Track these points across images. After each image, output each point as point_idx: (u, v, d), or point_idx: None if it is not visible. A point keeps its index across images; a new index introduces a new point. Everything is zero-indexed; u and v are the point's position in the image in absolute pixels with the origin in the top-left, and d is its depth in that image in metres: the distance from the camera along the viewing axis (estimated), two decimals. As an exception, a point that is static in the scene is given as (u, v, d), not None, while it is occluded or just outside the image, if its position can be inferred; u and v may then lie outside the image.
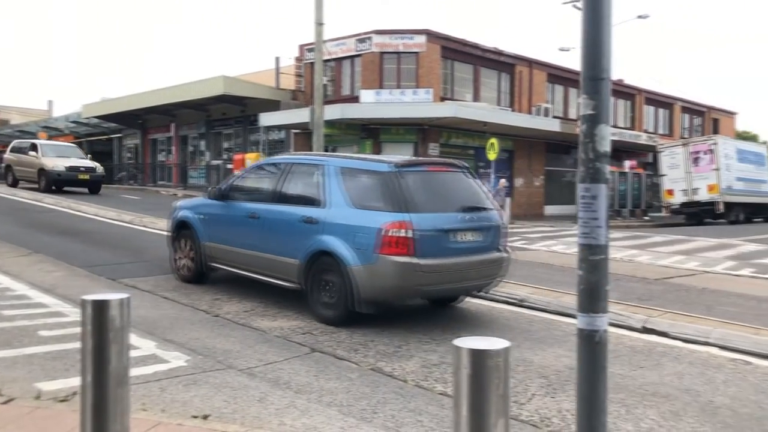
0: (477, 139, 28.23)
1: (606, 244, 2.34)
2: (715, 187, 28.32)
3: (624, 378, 5.51)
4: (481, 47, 30.08)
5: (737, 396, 5.12)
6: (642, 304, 8.47)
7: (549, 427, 4.41)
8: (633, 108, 39.46)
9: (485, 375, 2.64)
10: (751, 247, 17.18)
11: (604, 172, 2.29)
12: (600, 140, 2.27)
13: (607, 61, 2.26)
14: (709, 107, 46.39)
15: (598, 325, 2.28)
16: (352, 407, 4.61)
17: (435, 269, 6.73)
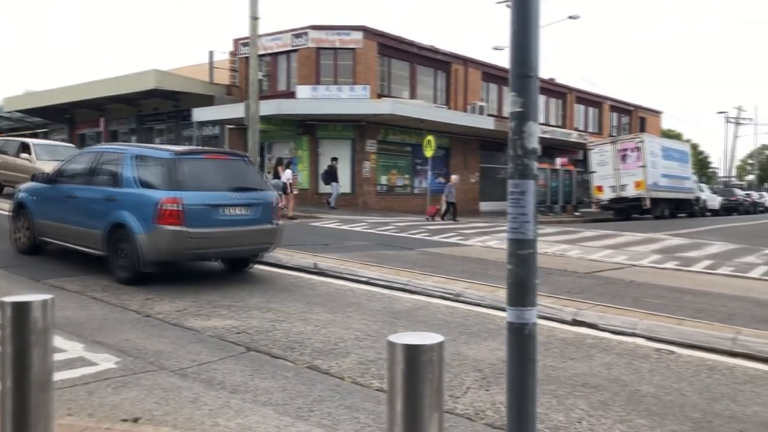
0: (414, 136, 28.44)
1: (534, 239, 2.39)
2: (642, 184, 29.40)
3: (555, 369, 5.65)
4: (418, 45, 30.30)
5: (661, 384, 5.33)
6: (572, 297, 8.70)
7: (483, 419, 4.48)
8: (564, 107, 40.52)
9: (419, 370, 2.65)
10: (675, 241, 17.91)
11: (533, 169, 2.33)
12: (528, 137, 2.31)
13: (534, 60, 2.31)
14: (636, 106, 48.09)
15: (527, 318, 2.33)
16: (288, 406, 4.57)
17: (203, 236, 8.44)
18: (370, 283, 9.22)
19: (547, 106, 39.25)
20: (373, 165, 27.76)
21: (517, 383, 2.35)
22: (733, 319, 7.89)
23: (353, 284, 9.24)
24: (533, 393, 2.39)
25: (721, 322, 7.50)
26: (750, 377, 5.59)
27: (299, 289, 8.89)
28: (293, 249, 12.04)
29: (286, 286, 9.06)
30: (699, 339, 6.54)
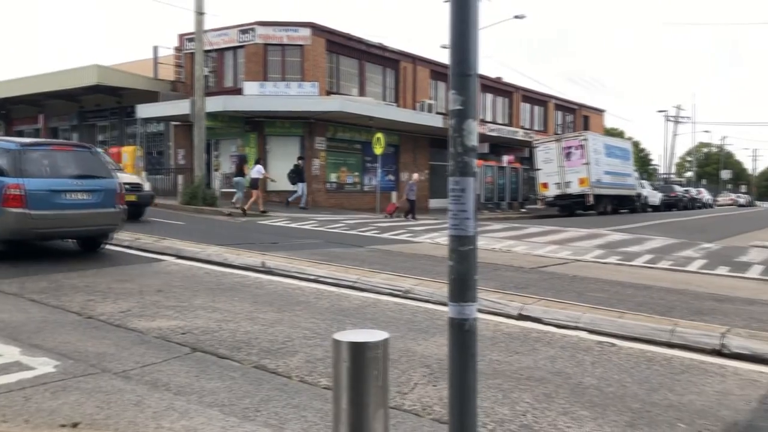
0: (364, 134, 28.46)
1: (474, 235, 2.42)
2: (586, 181, 30.12)
3: (501, 364, 5.74)
4: (366, 42, 30.32)
5: (603, 376, 5.47)
6: (518, 292, 8.85)
7: (431, 415, 4.52)
8: (511, 105, 41.16)
9: (364, 367, 2.66)
10: (617, 237, 18.40)
11: (472, 166, 2.36)
12: (468, 135, 2.34)
13: (474, 59, 2.33)
14: (580, 105, 49.21)
15: (467, 313, 2.36)
16: (234, 406, 4.51)
17: (45, 218, 9.61)
18: (319, 281, 9.19)
19: (494, 105, 39.81)
20: (322, 162, 27.66)
21: (459, 378, 2.38)
22: (671, 312, 8.15)
23: (302, 282, 9.19)
24: (474, 387, 2.43)
25: (660, 314, 7.74)
26: (686, 367, 5.79)
27: (246, 288, 8.80)
28: (241, 248, 11.90)
29: (232, 285, 8.95)
30: (639, 331, 6.73)
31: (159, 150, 31.60)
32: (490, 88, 39.14)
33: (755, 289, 10.69)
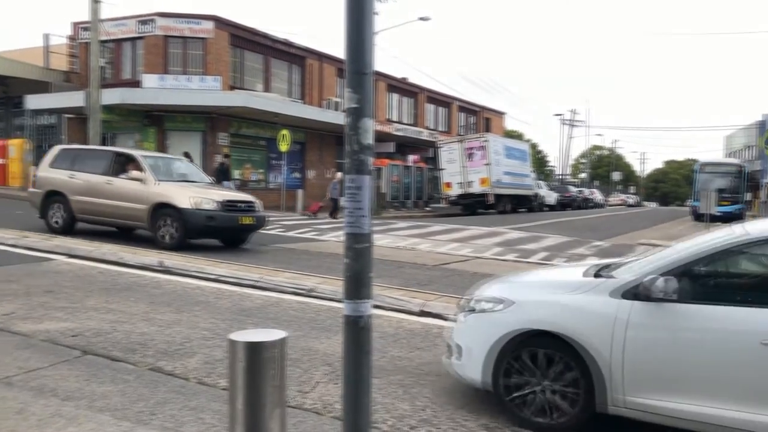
0: (269, 130, 28.08)
1: (370, 233, 2.44)
2: (487, 181, 31.01)
3: (402, 360, 5.83)
4: (272, 38, 29.93)
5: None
6: (421, 289, 9.00)
7: (332, 413, 4.52)
8: (416, 106, 41.78)
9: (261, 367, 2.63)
10: (515, 235, 19.07)
11: (368, 164, 2.38)
12: (363, 133, 2.36)
13: (369, 57, 2.35)
14: (482, 107, 50.60)
15: (362, 310, 2.38)
16: (128, 410, 4.35)
17: None
18: (220, 281, 8.99)
19: (400, 105, 40.28)
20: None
21: (353, 374, 2.40)
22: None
23: (201, 282, 8.97)
24: (368, 383, 2.45)
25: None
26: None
27: (143, 288, 8.48)
28: (137, 246, 11.46)
29: (128, 285, 8.61)
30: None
31: (50, 143, 29.88)
32: (396, 88, 39.57)
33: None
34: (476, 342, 4.66)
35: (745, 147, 69.77)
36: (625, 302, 4.21)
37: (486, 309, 4.74)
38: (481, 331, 4.68)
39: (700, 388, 3.95)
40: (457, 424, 4.43)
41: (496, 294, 4.80)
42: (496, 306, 4.67)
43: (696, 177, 36.80)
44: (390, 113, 38.75)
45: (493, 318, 4.62)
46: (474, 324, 4.78)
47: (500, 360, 4.50)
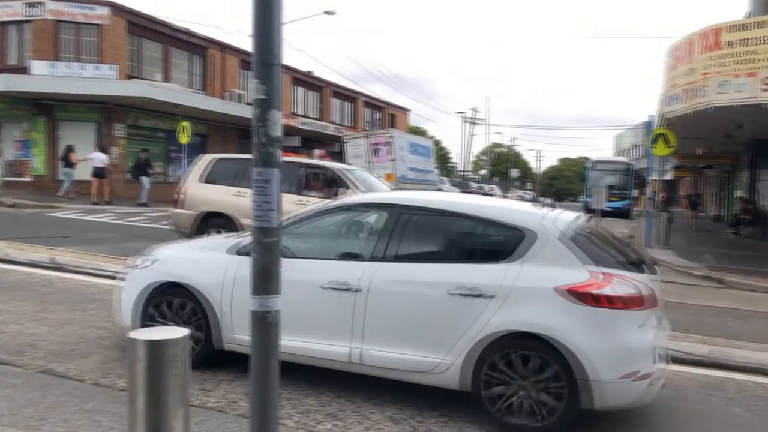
0: (168, 122, 27.13)
1: (278, 227, 2.40)
2: (392, 176, 31.30)
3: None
4: (171, 26, 28.92)
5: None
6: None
7: (237, 410, 4.44)
8: (321, 100, 41.60)
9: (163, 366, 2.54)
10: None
11: (277, 157, 2.34)
12: (272, 125, 2.32)
13: (278, 48, 2.32)
14: (387, 103, 51.03)
15: (270, 306, 2.34)
16: (15, 416, 4.09)
17: None
18: (118, 278, 8.61)
19: (305, 99, 39.97)
20: (121, 151, 25.91)
21: (261, 371, 2.36)
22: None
23: (97, 279, 8.56)
24: (276, 380, 2.42)
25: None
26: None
27: (32, 286, 8.00)
28: (25, 242, 10.82)
29: (16, 283, 8.10)
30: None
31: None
32: (301, 81, 39.23)
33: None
34: (128, 293, 5.41)
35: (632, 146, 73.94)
36: (236, 258, 5.07)
37: (139, 265, 5.51)
38: (132, 285, 5.43)
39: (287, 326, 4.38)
40: (363, 417, 4.46)
41: (153, 253, 5.59)
42: (146, 263, 5.47)
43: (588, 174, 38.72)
44: (295, 107, 38.38)
45: (142, 273, 5.41)
46: (129, 279, 5.54)
47: (145, 308, 5.27)
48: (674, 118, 15.66)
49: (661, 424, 4.62)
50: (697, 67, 15.27)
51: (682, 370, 5.94)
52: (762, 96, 13.03)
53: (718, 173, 36.09)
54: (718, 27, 14.92)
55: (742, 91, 13.21)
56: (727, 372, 5.97)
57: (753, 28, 14.60)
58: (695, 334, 7.19)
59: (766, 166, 22.24)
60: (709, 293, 11.49)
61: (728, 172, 32.47)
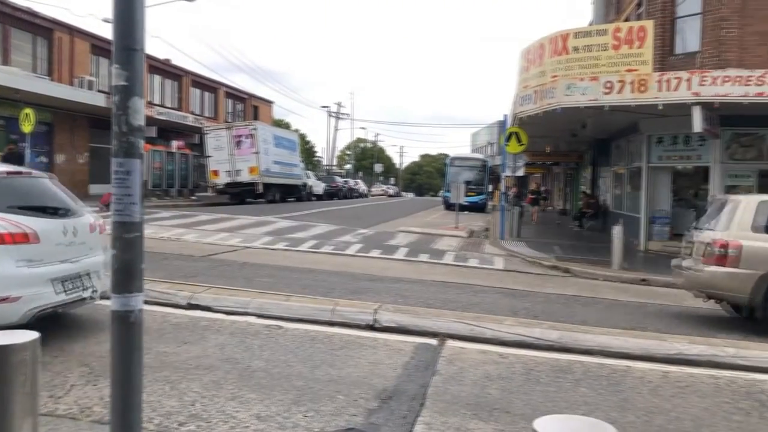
0: (9, 108, 24.94)
1: (141, 222, 2.28)
2: (256, 170, 30.76)
3: (169, 355, 5.56)
4: (11, 4, 26.60)
5: (270, 358, 5.65)
6: (188, 281, 8.68)
7: (90, 416, 4.17)
8: (180, 89, 40.01)
9: (9, 372, 2.35)
10: (284, 224, 19.20)
11: (139, 147, 2.22)
12: (134, 113, 2.19)
13: (140, 32, 2.19)
14: (250, 95, 50.04)
15: (132, 305, 2.22)
16: None
17: None
18: None
19: (162, 88, 38.28)
20: (-47, 139, 23.53)
21: (122, 374, 2.23)
22: (332, 292, 8.79)
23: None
24: (139, 382, 2.30)
25: (323, 295, 8.29)
26: (345, 343, 6.30)
27: None
28: None
29: None
30: (304, 313, 7.13)
31: None
32: (158, 69, 37.50)
33: (401, 269, 12.11)
34: None
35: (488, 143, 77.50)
36: None
37: None
38: None
39: None
40: (228, 416, 4.35)
41: None
42: None
43: (447, 170, 40.14)
44: (152, 96, 36.65)
45: None
46: None
47: None
48: (526, 117, 16.60)
49: (518, 406, 4.89)
50: (547, 70, 16.28)
51: (536, 354, 6.33)
52: (603, 99, 14.12)
53: (564, 170, 38.74)
54: (565, 33, 15.99)
55: (586, 93, 14.24)
56: (575, 355, 6.41)
57: (595, 35, 15.78)
58: (546, 320, 7.68)
59: (605, 163, 24.13)
60: (557, 282, 12.32)
61: (573, 169, 34.94)
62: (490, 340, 6.68)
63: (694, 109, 13.29)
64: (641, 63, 14.85)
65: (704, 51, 16.31)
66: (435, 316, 7.29)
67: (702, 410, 5.10)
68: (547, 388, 5.40)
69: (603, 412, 4.87)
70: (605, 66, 15.13)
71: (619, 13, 22.73)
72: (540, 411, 4.69)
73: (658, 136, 16.97)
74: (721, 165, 15.86)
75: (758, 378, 6.08)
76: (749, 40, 15.77)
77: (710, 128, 14.20)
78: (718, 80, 13.28)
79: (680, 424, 4.77)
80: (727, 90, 13.20)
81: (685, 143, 16.56)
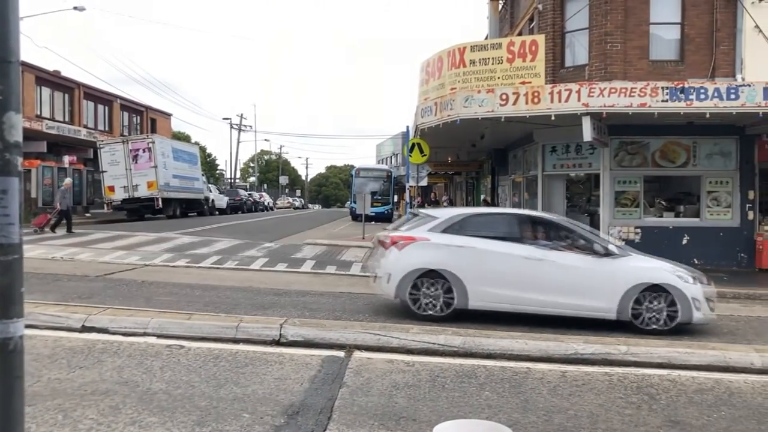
0: None
1: (20, 243, 2.14)
2: (154, 184, 29.74)
3: (62, 382, 5.27)
4: None
5: (172, 379, 5.46)
6: (83, 302, 8.28)
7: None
8: (72, 102, 38.17)
9: None
10: (186, 240, 18.64)
11: (16, 165, 2.09)
12: (10, 129, 2.06)
13: (15, 43, 2.07)
14: (147, 107, 48.38)
15: (12, 331, 2.07)
16: None
17: None
18: None
19: (52, 100, 36.38)
20: None
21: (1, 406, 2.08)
22: (237, 309, 8.61)
23: None
24: (20, 414, 2.15)
25: (226, 312, 8.11)
26: (250, 360, 6.18)
27: None
28: None
29: None
30: (207, 331, 6.93)
31: None
32: (46, 81, 35.62)
33: (308, 282, 12.02)
34: None
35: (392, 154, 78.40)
36: None
37: None
38: None
39: None
40: (128, 443, 4.16)
41: None
42: None
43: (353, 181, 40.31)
44: (40, 109, 34.76)
45: None
46: None
47: None
48: (427, 129, 16.94)
49: (424, 413, 4.95)
50: (446, 83, 16.69)
51: (441, 361, 6.44)
52: (499, 110, 14.61)
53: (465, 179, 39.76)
54: (463, 46, 16.46)
55: (483, 105, 14.70)
56: (478, 360, 6.57)
57: (491, 48, 16.34)
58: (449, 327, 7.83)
59: (503, 172, 24.95)
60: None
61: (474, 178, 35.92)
62: (397, 348, 6.74)
63: (584, 120, 13.98)
64: (534, 75, 15.49)
65: (592, 64, 17.21)
66: (342, 327, 7.28)
67: (597, 406, 5.35)
68: (453, 393, 5.50)
69: (506, 414, 5.01)
70: (501, 78, 15.68)
71: (513, 28, 23.63)
72: (445, 417, 4.77)
73: (552, 145, 17.72)
74: (611, 172, 16.74)
75: (647, 373, 6.45)
76: (631, 53, 16.79)
77: (599, 137, 14.98)
78: (605, 92, 14.04)
79: (578, 422, 4.98)
80: (614, 101, 13.97)
81: (576, 152, 17.38)
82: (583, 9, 17.49)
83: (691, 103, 13.80)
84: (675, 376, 6.40)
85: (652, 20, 16.95)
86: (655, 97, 13.86)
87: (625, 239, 16.09)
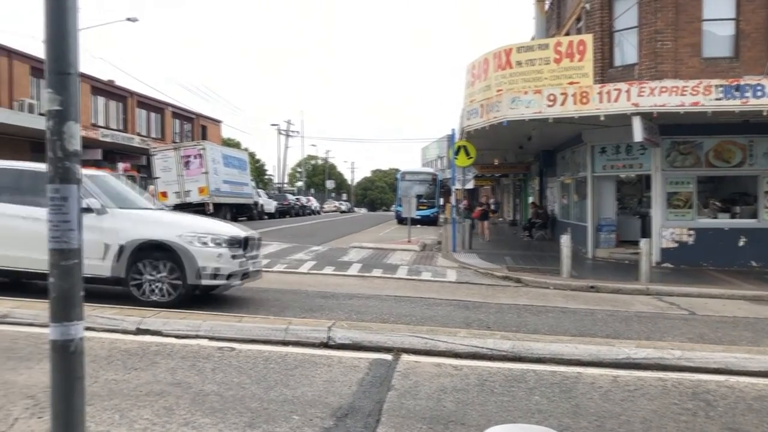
0: (-57, 134, 24.10)
1: (79, 248, 2.23)
2: (205, 190, 30.35)
3: (118, 383, 5.42)
4: (-55, 27, 25.78)
5: (224, 381, 5.56)
6: (136, 306, 8.48)
7: (34, 451, 4.03)
8: (125, 110, 39.29)
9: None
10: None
11: (75, 172, 2.17)
12: (69, 138, 2.15)
13: (74, 56, 2.15)
14: (198, 114, 49.43)
15: (72, 333, 2.16)
16: None
17: None
18: None
19: (107, 109, 37.52)
20: None
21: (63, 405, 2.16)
22: (285, 311, 8.72)
23: None
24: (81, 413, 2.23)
25: (275, 314, 8.21)
26: (299, 362, 6.25)
27: None
28: None
29: None
30: (257, 333, 7.04)
31: None
32: (101, 91, 36.77)
33: (355, 285, 12.09)
34: None
35: (437, 157, 78.21)
36: None
37: None
38: None
39: None
40: (182, 443, 4.26)
41: None
42: None
43: (398, 185, 40.36)
44: (96, 117, 35.87)
45: None
46: None
47: None
48: (473, 131, 16.86)
49: (473, 417, 4.93)
50: (492, 84, 16.58)
51: (490, 365, 6.39)
52: (547, 111, 14.45)
53: (513, 181, 39.39)
54: (509, 48, 16.33)
55: (531, 106, 14.55)
56: (527, 364, 6.50)
57: (537, 49, 16.17)
58: (499, 331, 7.77)
59: (552, 174, 24.64)
60: (509, 292, 12.48)
61: (521, 180, 35.55)
62: (445, 352, 6.71)
63: (634, 120, 13.71)
64: (582, 75, 15.27)
65: (642, 63, 16.87)
66: (389, 330, 7.29)
67: (651, 412, 5.23)
68: (502, 398, 5.45)
69: (556, 419, 4.95)
70: (548, 79, 15.50)
71: (559, 28, 23.34)
72: (494, 421, 4.74)
73: (601, 146, 17.43)
74: (662, 173, 16.36)
75: (704, 378, 6.27)
76: (683, 51, 16.40)
77: (650, 137, 14.67)
78: (656, 91, 13.74)
79: (630, 427, 4.87)
80: (664, 100, 13.67)
81: (627, 152, 17.05)
82: (632, 7, 17.16)
83: (747, 101, 13.39)
84: (733, 381, 6.21)
85: (705, 17, 16.53)
86: (708, 95, 13.50)
87: (678, 241, 15.70)
